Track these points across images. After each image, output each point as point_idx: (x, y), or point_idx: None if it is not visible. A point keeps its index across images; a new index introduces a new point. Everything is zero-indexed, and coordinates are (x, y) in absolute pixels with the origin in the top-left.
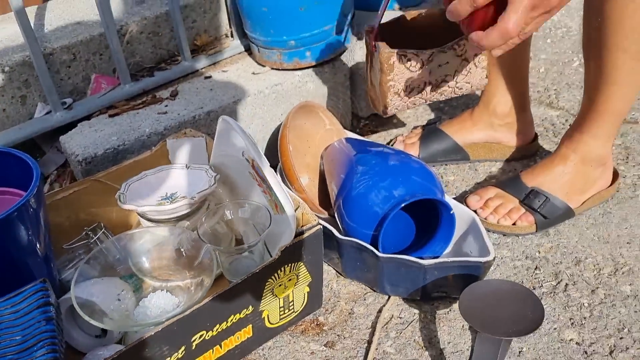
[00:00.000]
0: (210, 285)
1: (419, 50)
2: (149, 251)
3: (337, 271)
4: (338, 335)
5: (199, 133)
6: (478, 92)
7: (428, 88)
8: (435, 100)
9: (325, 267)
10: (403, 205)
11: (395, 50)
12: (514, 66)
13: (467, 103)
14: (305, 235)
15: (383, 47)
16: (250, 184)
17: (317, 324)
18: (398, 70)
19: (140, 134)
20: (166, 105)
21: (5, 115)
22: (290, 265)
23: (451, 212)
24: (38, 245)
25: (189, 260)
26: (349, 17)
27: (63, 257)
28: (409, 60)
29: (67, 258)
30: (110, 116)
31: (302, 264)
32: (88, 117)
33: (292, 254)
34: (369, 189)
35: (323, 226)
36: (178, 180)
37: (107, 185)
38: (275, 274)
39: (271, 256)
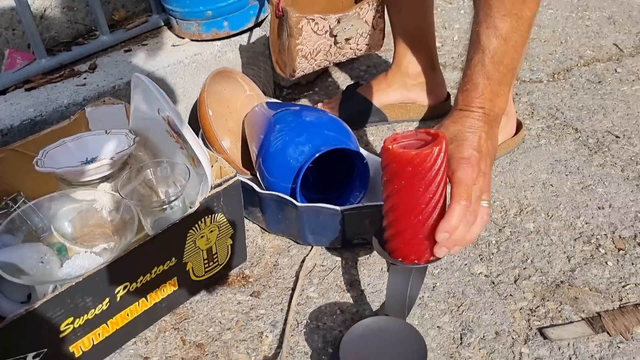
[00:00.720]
0: (132, 240)
1: (326, 14)
2: (71, 216)
3: (261, 227)
4: (263, 285)
5: (118, 101)
6: (385, 57)
7: (332, 50)
8: (337, 61)
9: (251, 224)
10: (317, 155)
11: (304, 15)
12: (420, 29)
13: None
14: (223, 186)
15: (292, 11)
16: (169, 144)
17: (242, 277)
18: (306, 34)
19: (59, 105)
20: (85, 78)
21: None
22: (210, 216)
23: (364, 162)
24: None
25: (112, 223)
26: None
27: None
28: (317, 24)
29: None
30: (26, 90)
31: (222, 215)
32: (3, 92)
33: (212, 204)
34: (286, 144)
35: (245, 183)
36: (98, 145)
37: (25, 154)
38: (196, 225)
39: None
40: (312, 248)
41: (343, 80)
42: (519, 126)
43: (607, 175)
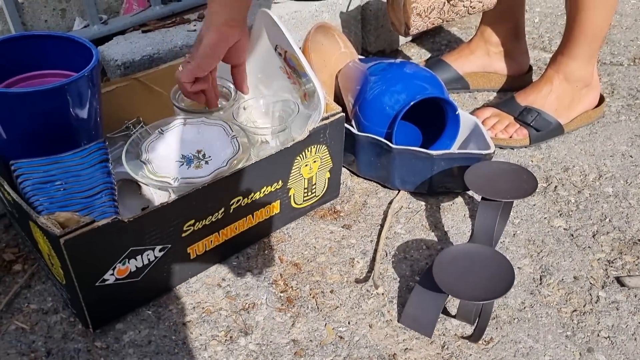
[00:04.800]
0: (245, 160)
1: None
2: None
3: (351, 171)
4: (354, 220)
5: None
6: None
7: (446, 7)
8: (450, 20)
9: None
10: (413, 103)
11: None
12: None
13: None
14: (330, 120)
15: None
16: (280, 79)
17: (334, 211)
18: None
19: (173, 45)
20: (194, 25)
21: (46, 26)
22: (316, 146)
23: (456, 113)
24: (94, 114)
25: None
26: None
27: None
28: None
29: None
30: (143, 32)
31: (325, 147)
32: (122, 33)
33: (319, 135)
34: (382, 92)
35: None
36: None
37: (145, 84)
38: (303, 153)
39: None
40: (399, 192)
41: (424, 52)
42: (601, 100)
43: None
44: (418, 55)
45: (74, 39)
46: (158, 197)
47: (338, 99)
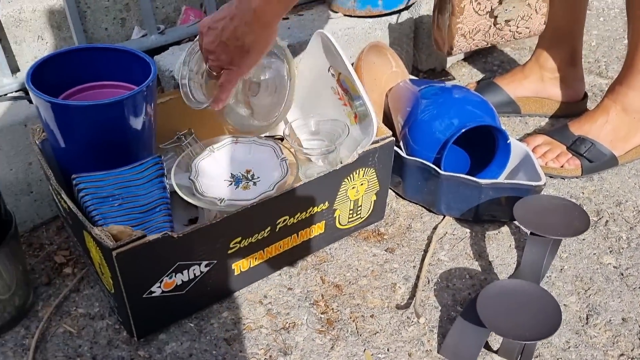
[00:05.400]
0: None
1: None
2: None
3: (396, 193)
4: (397, 243)
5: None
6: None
7: (491, 31)
8: (495, 43)
9: None
10: (464, 130)
11: None
12: (568, 23)
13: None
14: (380, 143)
15: None
16: (330, 99)
17: (378, 233)
18: (467, 13)
19: None
20: None
21: (106, 34)
22: (364, 169)
23: (508, 142)
24: (150, 125)
25: None
26: None
27: None
28: (479, 3)
29: None
30: None
31: (373, 170)
32: (178, 43)
33: (368, 158)
34: (433, 117)
35: None
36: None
37: None
38: (351, 175)
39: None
40: (444, 217)
41: (476, 73)
42: None
43: None
44: (469, 75)
45: (134, 52)
46: (206, 209)
47: (387, 117)
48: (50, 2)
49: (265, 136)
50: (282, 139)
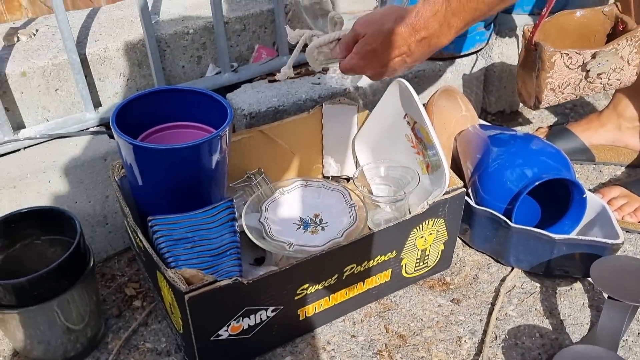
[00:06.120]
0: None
1: (581, 49)
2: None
3: (463, 241)
4: (463, 294)
5: (353, 102)
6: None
7: (582, 84)
8: (584, 95)
9: None
10: (538, 183)
11: (558, 50)
12: None
13: (592, 110)
14: (451, 194)
15: (546, 46)
16: (402, 147)
17: (444, 282)
18: (558, 68)
19: (297, 98)
20: (319, 78)
21: (183, 71)
22: (434, 219)
23: (584, 196)
24: (224, 168)
25: None
26: (493, 16)
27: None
28: (570, 58)
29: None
30: (269, 82)
31: (443, 221)
32: (250, 81)
33: (438, 208)
34: (504, 167)
35: None
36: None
37: (269, 137)
38: (420, 225)
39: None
40: (512, 269)
41: (547, 115)
42: None
43: None
44: (540, 118)
45: (211, 95)
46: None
47: (455, 161)
48: (133, 41)
49: (333, 178)
50: (348, 180)
